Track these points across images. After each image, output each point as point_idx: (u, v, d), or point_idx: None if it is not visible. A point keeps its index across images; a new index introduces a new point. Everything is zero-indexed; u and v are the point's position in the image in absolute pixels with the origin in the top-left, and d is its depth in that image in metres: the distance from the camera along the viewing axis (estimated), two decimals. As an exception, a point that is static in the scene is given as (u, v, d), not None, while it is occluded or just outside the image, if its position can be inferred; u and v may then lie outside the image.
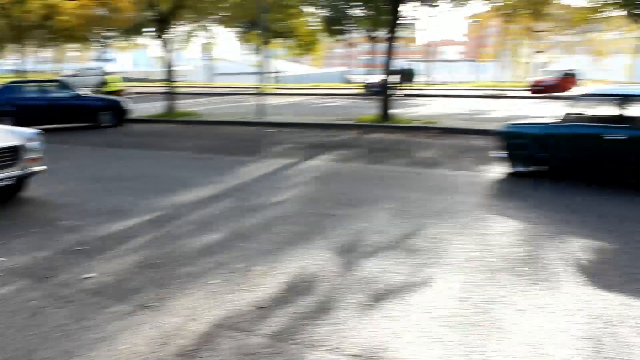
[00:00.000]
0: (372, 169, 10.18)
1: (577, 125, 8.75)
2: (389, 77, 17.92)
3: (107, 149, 13.04)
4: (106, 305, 4.46)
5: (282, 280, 4.92)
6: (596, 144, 8.36)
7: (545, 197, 8.00)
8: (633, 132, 8.07)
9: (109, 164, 10.91)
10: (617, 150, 8.15)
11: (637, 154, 8.00)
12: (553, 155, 8.97)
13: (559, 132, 8.86)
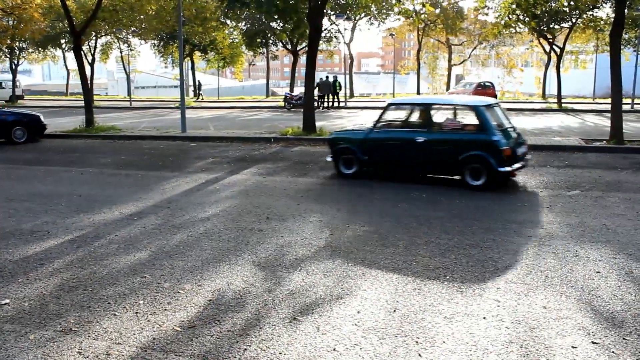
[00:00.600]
0: (297, 182, 10.22)
1: (388, 130, 10.36)
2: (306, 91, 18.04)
3: (23, 167, 12.48)
4: (25, 333, 4.29)
5: (210, 297, 4.88)
6: (405, 146, 9.83)
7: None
8: (431, 135, 9.64)
9: (25, 183, 10.45)
10: (421, 150, 9.63)
11: (435, 153, 9.60)
12: (371, 158, 10.31)
13: (374, 137, 10.25)
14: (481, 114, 9.38)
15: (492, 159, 9.10)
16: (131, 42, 50.04)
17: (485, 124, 9.31)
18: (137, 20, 35.07)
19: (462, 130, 9.80)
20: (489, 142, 9.14)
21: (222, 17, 37.18)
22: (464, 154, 9.30)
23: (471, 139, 9.40)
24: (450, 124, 10.00)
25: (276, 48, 45.27)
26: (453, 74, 50.25)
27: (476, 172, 9.29)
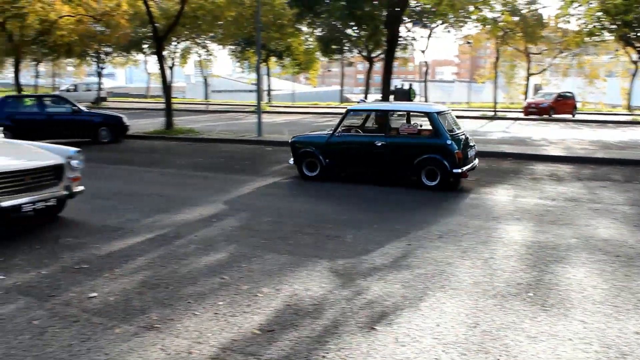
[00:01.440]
0: (374, 189, 10.17)
1: (350, 135, 11.08)
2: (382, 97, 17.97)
3: (108, 166, 12.99)
4: (111, 326, 4.42)
5: (288, 302, 4.89)
6: (365, 150, 10.53)
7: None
8: (389, 139, 10.38)
9: (109, 181, 10.87)
10: (380, 153, 10.34)
11: (393, 156, 10.32)
12: (332, 161, 10.86)
13: (335, 142, 10.83)
14: (434, 120, 10.13)
15: (445, 162, 9.86)
16: (209, 47, 51.46)
17: (438, 129, 10.06)
18: (216, 26, 35.90)
19: (418, 135, 10.64)
20: (443, 146, 9.89)
21: (298, 24, 37.58)
22: (420, 157, 10.07)
23: (426, 143, 10.22)
24: (406, 129, 10.72)
25: (351, 55, 45.37)
26: (531, 84, 48.84)
27: (431, 173, 10.07)
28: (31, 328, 4.39)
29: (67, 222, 7.69)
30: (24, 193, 6.87)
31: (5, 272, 5.66)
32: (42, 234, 7.07)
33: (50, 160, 7.36)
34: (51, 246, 6.53)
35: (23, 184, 6.90)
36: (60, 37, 31.55)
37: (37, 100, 19.17)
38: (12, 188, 6.77)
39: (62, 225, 7.53)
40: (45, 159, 7.36)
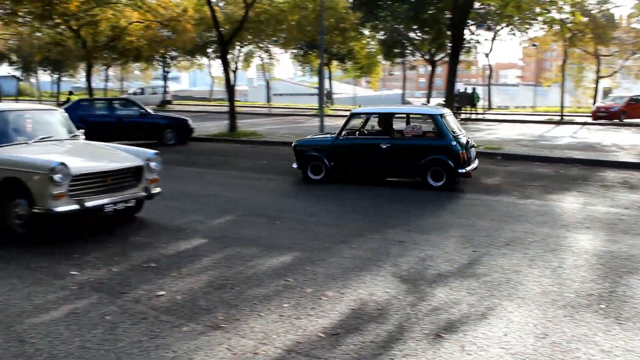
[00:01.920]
0: (436, 194, 10.02)
1: (355, 138, 11.19)
2: (446, 101, 17.74)
3: (173, 167, 13.30)
4: (179, 324, 4.52)
5: (353, 306, 4.88)
6: (371, 152, 10.67)
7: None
8: (394, 141, 10.63)
9: (175, 182, 11.12)
10: (385, 156, 10.52)
11: (399, 158, 10.53)
12: (338, 164, 10.97)
13: (340, 145, 10.96)
14: (438, 122, 10.36)
15: (451, 162, 10.10)
16: (272, 51, 52.09)
17: (442, 131, 10.30)
18: (279, 30, 36.33)
19: (423, 137, 10.83)
20: (448, 147, 10.15)
21: (360, 28, 37.56)
22: (425, 158, 10.29)
23: (431, 144, 10.43)
24: (411, 131, 10.91)
25: (414, 58, 45.02)
26: (600, 87, 47.19)
27: (437, 174, 10.27)
28: (103, 323, 4.54)
29: (136, 222, 7.91)
30: (106, 194, 7.12)
31: (79, 268, 5.87)
32: (113, 232, 7.29)
33: (131, 162, 7.58)
34: (121, 245, 6.74)
35: (105, 184, 7.15)
36: (130, 43, 32.63)
37: (108, 103, 19.90)
38: (95, 189, 7.02)
39: (131, 224, 7.75)
40: (126, 161, 7.59)
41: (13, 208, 6.94)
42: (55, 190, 6.54)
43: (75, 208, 6.74)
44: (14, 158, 6.99)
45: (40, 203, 6.61)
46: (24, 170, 6.75)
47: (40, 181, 6.58)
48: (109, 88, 60.33)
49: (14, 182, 6.82)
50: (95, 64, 39.57)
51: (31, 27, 28.84)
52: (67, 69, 59.99)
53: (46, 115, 8.67)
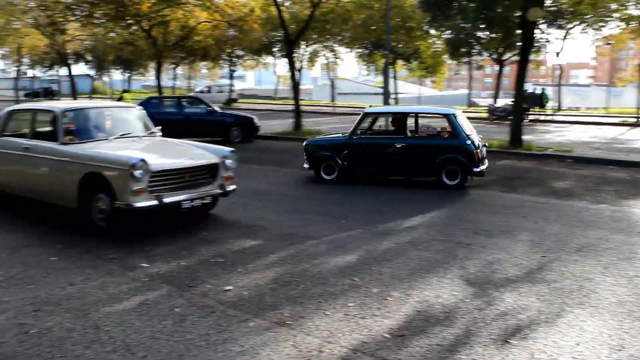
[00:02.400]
0: (505, 197, 9.80)
1: (369, 137, 11.09)
2: (515, 102, 17.29)
3: (241, 165, 13.47)
4: (245, 319, 4.58)
5: (419, 308, 4.83)
6: (386, 152, 10.63)
7: None
8: (409, 141, 10.66)
9: (242, 180, 11.27)
10: (400, 155, 10.53)
11: (414, 158, 10.55)
12: (351, 164, 10.91)
13: (354, 144, 10.87)
14: (453, 121, 10.42)
15: (466, 161, 10.17)
16: (336, 50, 52.19)
17: (457, 130, 10.37)
18: (345, 29, 36.35)
19: (437, 136, 10.94)
20: (463, 146, 10.21)
21: (427, 27, 37.13)
22: (441, 157, 10.32)
23: (446, 144, 10.49)
24: (425, 131, 11.11)
25: (481, 57, 44.15)
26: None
27: (452, 173, 10.33)
28: (173, 315, 4.66)
29: (205, 218, 8.07)
30: (183, 190, 7.25)
31: (149, 261, 6.05)
32: (182, 227, 7.47)
33: (208, 160, 7.68)
34: (190, 240, 6.90)
35: (183, 181, 7.28)
36: (198, 42, 33.38)
37: (176, 101, 20.41)
38: (173, 185, 7.16)
39: (199, 220, 7.91)
40: (203, 158, 7.69)
41: (95, 202, 7.17)
42: (136, 185, 6.70)
43: (154, 204, 6.89)
44: (96, 154, 7.23)
45: (121, 198, 6.78)
46: (106, 166, 6.94)
47: (121, 177, 6.74)
48: (177, 86, 61.88)
49: (96, 177, 7.03)
50: (164, 63, 40.72)
51: (105, 28, 29.92)
52: (138, 68, 62.02)
53: (125, 113, 8.90)
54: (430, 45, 42.13)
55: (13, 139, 8.54)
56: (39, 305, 4.86)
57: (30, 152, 7.91)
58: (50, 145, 7.71)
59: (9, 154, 8.36)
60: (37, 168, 7.91)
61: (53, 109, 8.12)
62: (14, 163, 8.36)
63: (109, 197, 6.95)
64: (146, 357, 3.95)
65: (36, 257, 6.26)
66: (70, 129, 7.81)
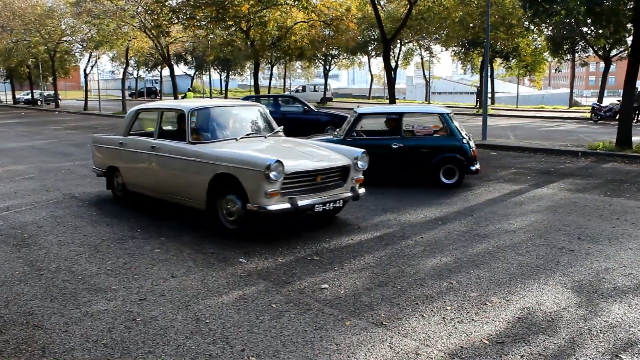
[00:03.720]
0: (611, 202, 9.27)
1: (364, 138, 10.80)
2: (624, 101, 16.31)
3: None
4: (341, 318, 4.60)
5: (519, 315, 4.66)
6: (382, 152, 10.42)
7: None
8: (405, 141, 10.59)
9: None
10: (397, 155, 10.52)
11: (409, 158, 10.55)
12: None
13: (352, 145, 9.78)
14: (448, 121, 10.63)
15: (464, 160, 10.36)
16: (432, 49, 51.46)
17: (452, 130, 10.55)
18: (442, 27, 35.78)
19: (433, 136, 10.96)
20: (459, 145, 10.37)
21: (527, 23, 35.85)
22: (438, 156, 10.42)
23: (443, 143, 10.56)
24: (421, 131, 11.16)
25: (585, 54, 42.14)
26: None
27: (449, 172, 10.47)
28: (270, 310, 4.74)
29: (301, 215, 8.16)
30: (314, 193, 7.02)
31: (247, 257, 6.20)
32: (279, 224, 7.59)
33: (340, 161, 7.40)
34: (287, 236, 7.01)
35: (315, 184, 7.06)
36: (294, 42, 33.94)
37: (273, 100, 20.83)
38: (305, 187, 6.95)
39: (295, 217, 8.00)
40: (335, 160, 7.41)
41: (224, 204, 7.07)
42: (270, 188, 6.51)
43: (287, 207, 6.67)
44: (228, 154, 7.05)
45: (254, 201, 6.61)
46: (239, 167, 6.74)
47: (255, 178, 6.54)
48: (272, 86, 63.19)
49: (227, 179, 6.91)
50: (261, 63, 41.68)
51: (206, 30, 31.02)
52: (235, 68, 63.88)
53: (249, 112, 8.72)
54: (531, 42, 40.67)
55: (140, 138, 8.70)
56: (144, 295, 5.11)
57: (158, 151, 7.96)
58: (178, 145, 7.68)
59: (136, 152, 8.49)
60: (164, 168, 7.92)
61: (181, 107, 8.05)
62: (140, 162, 8.46)
63: (240, 199, 6.81)
64: (244, 350, 4.05)
65: (141, 248, 6.58)
66: (198, 128, 7.76)
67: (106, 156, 9.39)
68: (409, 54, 54.70)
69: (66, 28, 41.41)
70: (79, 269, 5.85)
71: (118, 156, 9.01)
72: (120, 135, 9.08)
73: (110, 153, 9.24)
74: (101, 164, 9.56)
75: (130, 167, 8.78)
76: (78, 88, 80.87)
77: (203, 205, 7.25)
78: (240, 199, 6.82)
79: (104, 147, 9.49)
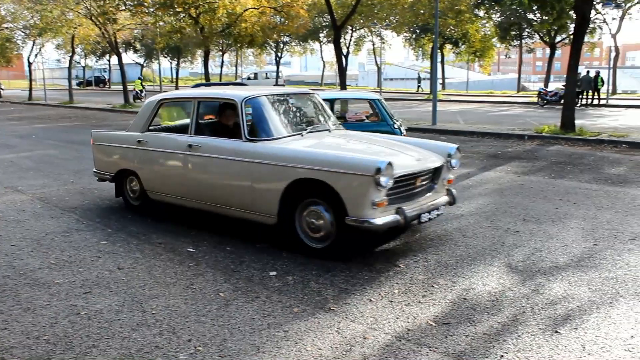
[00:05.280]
0: (555, 183, 9.54)
1: None
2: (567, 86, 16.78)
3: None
4: (290, 305, 4.59)
5: (465, 296, 4.74)
6: None
7: None
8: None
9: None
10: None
11: None
12: None
13: None
14: (378, 105, 10.57)
15: None
16: (383, 35, 51.73)
17: (383, 115, 10.50)
18: (393, 13, 35.98)
19: (365, 122, 10.79)
20: (390, 131, 10.09)
21: (475, 10, 36.38)
22: None
23: (374, 128, 10.01)
24: (353, 117, 11.11)
25: (532, 40, 43.05)
26: None
27: None
28: (218, 300, 4.70)
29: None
30: (412, 199, 5.83)
31: (195, 246, 6.15)
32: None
33: (436, 161, 6.22)
34: (235, 225, 6.93)
35: (413, 188, 5.93)
36: (244, 29, 33.57)
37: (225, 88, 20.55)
38: (406, 194, 5.80)
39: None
40: (431, 159, 6.21)
41: (306, 217, 5.76)
42: (378, 196, 5.26)
43: (397, 219, 5.42)
44: (315, 155, 5.71)
45: (356, 213, 5.28)
46: (334, 171, 5.36)
47: (359, 185, 5.25)
48: (224, 74, 62.53)
49: (309, 185, 5.63)
50: (211, 50, 41.11)
51: (155, 17, 30.41)
52: (186, 56, 62.90)
53: (305, 100, 7.37)
54: (479, 28, 41.32)
55: (168, 135, 7.26)
56: (89, 288, 4.99)
57: (199, 151, 6.51)
58: (231, 143, 6.27)
59: (164, 153, 7.04)
60: (210, 172, 6.48)
61: (231, 97, 6.49)
62: (171, 165, 7.00)
63: (331, 211, 5.51)
64: (191, 340, 4.00)
65: (86, 240, 6.44)
66: (257, 121, 6.36)
67: (116, 157, 7.79)
68: (360, 40, 54.86)
69: (7, 14, 39.91)
70: (21, 264, 5.68)
71: (135, 157, 7.39)
72: (136, 132, 7.43)
73: (122, 153, 7.64)
74: (107, 166, 7.95)
75: (154, 170, 7.20)
76: (22, 77, 78.27)
77: (273, 218, 5.94)
78: (330, 211, 5.51)
79: (112, 146, 7.85)
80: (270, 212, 5.92)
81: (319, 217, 5.62)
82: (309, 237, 5.77)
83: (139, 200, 7.64)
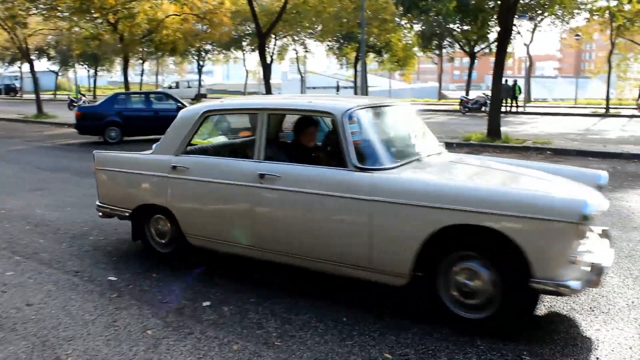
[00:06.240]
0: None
1: None
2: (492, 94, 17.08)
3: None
4: (228, 341, 4.10)
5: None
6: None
7: None
8: None
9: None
10: None
11: None
12: None
13: None
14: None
15: None
16: (307, 44, 51.69)
17: None
18: (317, 22, 35.94)
19: None
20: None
21: (399, 19, 36.85)
22: None
23: None
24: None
25: (452, 50, 44.11)
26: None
27: None
28: (145, 339, 4.14)
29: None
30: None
31: (117, 273, 5.53)
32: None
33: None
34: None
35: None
36: (166, 36, 32.58)
37: (145, 97, 19.72)
38: None
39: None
40: (595, 194, 4.60)
41: (454, 276, 4.18)
42: (577, 250, 3.84)
43: (593, 279, 3.91)
44: (481, 192, 4.10)
45: (546, 273, 3.79)
46: (514, 215, 3.83)
47: (556, 235, 3.77)
48: (144, 82, 60.74)
49: (458, 233, 4.07)
50: (131, 58, 39.72)
51: (70, 22, 28.97)
52: (104, 63, 60.69)
53: (405, 114, 5.73)
54: (402, 37, 41.95)
55: (220, 161, 5.46)
56: (-9, 331, 4.30)
57: (278, 183, 4.74)
58: (334, 174, 4.54)
59: (216, 184, 5.15)
60: (295, 214, 4.76)
61: (326, 108, 4.83)
62: (230, 202, 5.11)
63: (498, 271, 3.97)
64: (115, 393, 3.44)
65: (-10, 272, 5.67)
66: (366, 144, 4.62)
67: (136, 188, 5.84)
68: (284, 48, 54.64)
69: None
70: None
71: (168, 189, 5.49)
72: (168, 154, 5.55)
73: (147, 183, 5.73)
74: (121, 200, 6.02)
75: (199, 209, 5.38)
76: None
77: (404, 277, 4.31)
78: (499, 270, 3.98)
79: (129, 173, 5.88)
80: (399, 271, 4.30)
81: (473, 277, 4.09)
82: (460, 304, 4.19)
83: (170, 246, 5.82)
